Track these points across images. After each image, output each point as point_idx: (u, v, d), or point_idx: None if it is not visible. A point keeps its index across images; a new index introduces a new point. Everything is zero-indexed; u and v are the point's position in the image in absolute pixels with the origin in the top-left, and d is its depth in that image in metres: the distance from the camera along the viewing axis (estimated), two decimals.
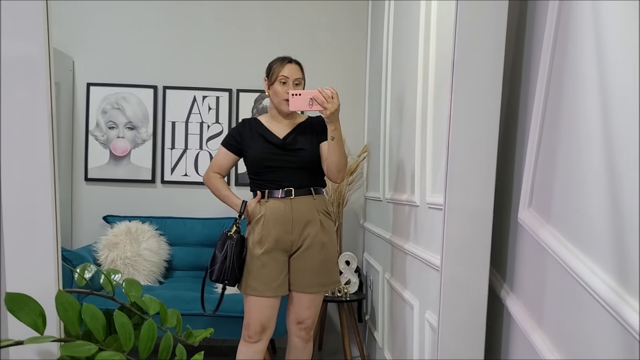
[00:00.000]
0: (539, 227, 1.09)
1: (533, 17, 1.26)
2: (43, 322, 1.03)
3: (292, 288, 2.20)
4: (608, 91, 0.85)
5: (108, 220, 3.49)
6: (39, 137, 1.13)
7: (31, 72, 1.15)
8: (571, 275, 0.94)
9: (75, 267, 1.29)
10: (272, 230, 2.13)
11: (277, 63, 2.21)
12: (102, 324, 1.07)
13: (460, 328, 1.33)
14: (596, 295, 0.84)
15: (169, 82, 3.66)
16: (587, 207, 0.91)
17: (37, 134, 1.13)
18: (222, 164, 2.30)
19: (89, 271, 1.30)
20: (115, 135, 3.63)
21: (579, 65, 0.97)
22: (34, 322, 1.02)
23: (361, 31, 3.70)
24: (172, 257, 3.44)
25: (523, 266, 1.22)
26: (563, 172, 1.02)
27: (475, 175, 1.32)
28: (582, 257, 0.92)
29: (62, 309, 1.05)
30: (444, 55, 1.76)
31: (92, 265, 1.32)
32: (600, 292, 0.82)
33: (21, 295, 1.03)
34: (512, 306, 1.25)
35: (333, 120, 2.05)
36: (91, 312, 1.06)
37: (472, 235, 1.31)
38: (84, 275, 1.26)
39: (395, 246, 2.41)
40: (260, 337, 2.16)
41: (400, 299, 2.27)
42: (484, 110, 1.30)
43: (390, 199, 2.59)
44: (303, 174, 2.19)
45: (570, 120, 1.00)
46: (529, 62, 1.27)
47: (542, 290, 1.09)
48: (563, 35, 1.05)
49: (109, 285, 1.24)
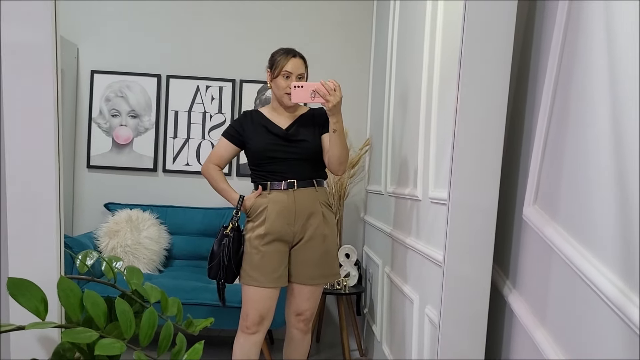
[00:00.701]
0: (544, 224, 1.08)
1: (542, 15, 1.25)
2: (45, 308, 1.03)
3: (293, 280, 2.19)
4: (618, 89, 0.85)
5: (109, 208, 3.50)
6: (44, 124, 1.13)
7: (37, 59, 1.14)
8: (576, 273, 0.93)
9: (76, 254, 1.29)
10: (274, 222, 2.12)
11: (281, 56, 2.18)
12: (103, 311, 1.07)
13: (461, 325, 1.32)
14: (602, 294, 0.84)
15: (172, 71, 3.65)
16: (594, 205, 0.90)
17: (42, 122, 1.13)
18: (222, 155, 2.28)
19: (90, 258, 1.30)
20: (118, 123, 3.63)
21: (588, 63, 0.96)
22: (36, 308, 1.02)
23: (366, 23, 3.69)
24: (172, 246, 3.44)
25: (527, 263, 1.21)
26: (570, 170, 1.01)
27: (481, 171, 1.31)
28: (587, 255, 0.92)
29: (64, 295, 1.05)
30: (449, 49, 1.75)
31: (93, 252, 1.32)
32: (606, 291, 0.82)
33: (23, 280, 1.03)
34: (514, 303, 1.25)
35: (335, 112, 2.04)
36: (92, 298, 1.06)
37: (476, 232, 1.30)
38: (85, 262, 1.26)
39: (396, 240, 2.40)
40: (258, 328, 2.15)
41: (400, 293, 2.27)
42: (490, 106, 1.30)
43: (392, 192, 2.58)
44: (305, 165, 2.18)
45: (578, 118, 0.99)
46: (537, 59, 1.26)
47: (546, 287, 1.08)
48: (573, 34, 1.04)
49: (110, 273, 1.24)
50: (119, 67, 3.62)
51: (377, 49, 3.46)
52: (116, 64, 3.62)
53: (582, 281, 0.91)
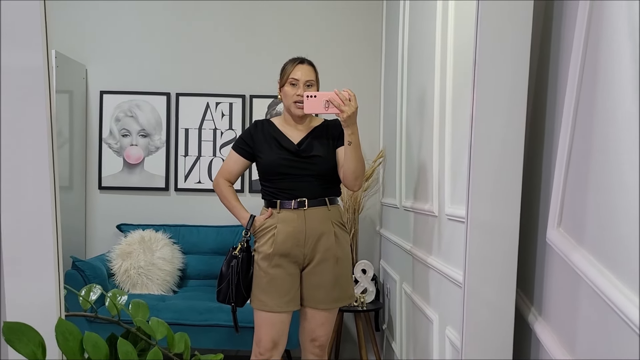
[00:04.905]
0: (570, 249, 1.01)
1: (560, 18, 1.17)
2: (43, 353, 0.98)
3: (305, 304, 2.11)
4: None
5: (122, 229, 3.47)
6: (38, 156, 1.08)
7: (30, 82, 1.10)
8: (607, 303, 0.86)
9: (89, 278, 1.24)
10: (283, 243, 2.05)
11: (289, 64, 2.14)
12: (104, 353, 1.02)
13: (485, 352, 1.25)
14: (634, 326, 0.77)
15: (181, 89, 3.62)
16: (625, 230, 0.83)
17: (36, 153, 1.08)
18: (232, 169, 2.21)
19: (94, 293, 1.25)
20: (129, 143, 3.61)
21: (614, 71, 0.89)
22: (33, 353, 0.97)
23: (376, 32, 3.63)
24: (186, 265, 3.40)
25: (553, 290, 1.14)
26: (596, 189, 0.94)
27: (500, 188, 1.24)
28: (617, 283, 0.84)
29: (63, 338, 1.00)
30: (462, 56, 1.69)
31: (97, 287, 1.27)
32: (637, 321, 0.75)
33: (20, 324, 0.98)
34: (541, 332, 1.17)
35: (350, 123, 1.97)
36: (93, 341, 1.00)
37: (497, 253, 1.23)
38: (88, 299, 1.21)
39: (414, 257, 2.33)
40: (271, 353, 2.07)
41: (420, 313, 2.19)
42: (508, 118, 1.23)
43: (409, 207, 2.51)
44: (317, 182, 2.11)
45: (604, 132, 0.92)
46: (556, 65, 1.18)
47: (575, 317, 1.01)
48: (595, 38, 0.97)
49: (114, 309, 1.19)
50: (128, 86, 3.61)
51: (387, 59, 3.40)
52: (125, 84, 3.61)
53: (612, 311, 0.84)
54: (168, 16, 3.61)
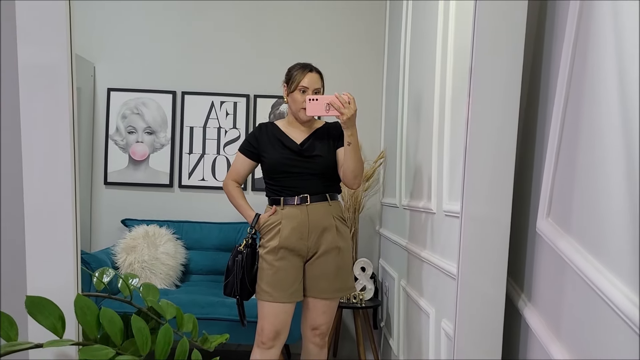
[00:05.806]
0: (558, 237, 1.07)
1: (553, 19, 1.24)
2: (62, 326, 1.05)
3: (307, 294, 2.20)
4: (630, 96, 0.84)
5: (126, 224, 3.53)
6: (60, 145, 1.15)
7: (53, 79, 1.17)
8: (591, 287, 0.92)
9: (93, 271, 1.31)
10: (288, 237, 2.14)
11: (297, 71, 2.20)
12: (119, 328, 1.08)
13: (476, 338, 1.31)
14: (617, 309, 0.83)
15: (187, 87, 3.69)
16: (608, 218, 0.89)
17: (58, 142, 1.15)
18: (239, 170, 2.31)
19: (107, 275, 1.32)
20: (135, 139, 3.68)
21: (600, 69, 0.95)
22: (53, 326, 1.03)
23: (379, 34, 3.70)
24: (189, 261, 3.46)
25: (541, 277, 1.20)
26: (583, 181, 1.00)
27: (493, 183, 1.30)
28: (602, 268, 0.91)
29: (81, 312, 1.07)
30: (462, 60, 1.75)
31: (110, 269, 1.34)
32: (621, 306, 0.81)
33: (41, 298, 1.05)
34: (529, 317, 1.23)
35: (349, 125, 2.06)
36: (109, 316, 1.07)
37: (489, 245, 1.30)
38: (102, 280, 1.27)
39: (412, 253, 2.40)
40: (273, 343, 2.16)
41: (416, 307, 2.25)
42: (501, 116, 1.29)
43: (407, 205, 2.58)
44: (319, 180, 2.20)
45: (590, 126, 0.98)
46: (548, 65, 1.25)
47: (561, 302, 1.07)
48: (584, 38, 1.03)
49: (126, 290, 1.26)
50: (135, 84, 3.68)
51: (390, 60, 3.47)
52: (132, 82, 3.68)
53: (597, 296, 0.90)
54: (175, 16, 3.69)
